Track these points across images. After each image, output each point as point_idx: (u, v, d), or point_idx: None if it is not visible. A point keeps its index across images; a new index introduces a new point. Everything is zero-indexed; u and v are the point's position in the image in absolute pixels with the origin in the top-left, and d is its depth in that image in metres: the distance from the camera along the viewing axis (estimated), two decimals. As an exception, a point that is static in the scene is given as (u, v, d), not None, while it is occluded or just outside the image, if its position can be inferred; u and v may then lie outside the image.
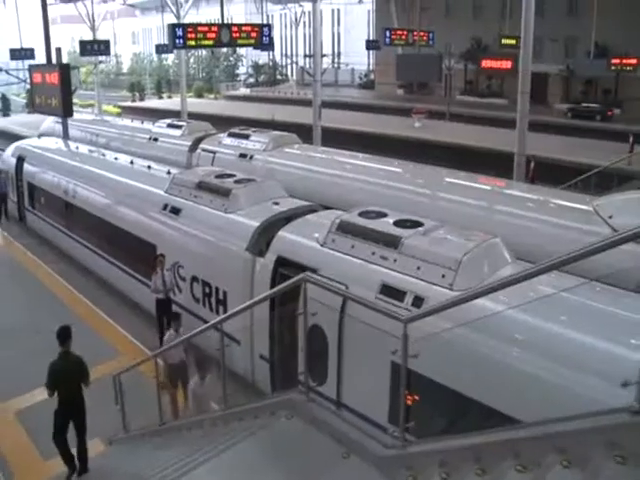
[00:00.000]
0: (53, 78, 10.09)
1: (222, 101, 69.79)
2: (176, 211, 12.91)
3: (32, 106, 11.62)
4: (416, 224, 9.36)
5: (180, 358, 9.45)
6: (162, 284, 11.91)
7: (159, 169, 15.95)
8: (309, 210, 11.48)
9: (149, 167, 16.26)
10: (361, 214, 9.87)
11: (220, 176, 13.28)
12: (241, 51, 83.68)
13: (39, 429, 9.06)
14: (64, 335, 7.81)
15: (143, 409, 9.27)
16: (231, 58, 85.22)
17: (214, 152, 19.22)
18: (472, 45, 55.56)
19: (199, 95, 74.94)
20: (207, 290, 11.70)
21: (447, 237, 8.95)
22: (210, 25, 24.56)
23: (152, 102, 69.21)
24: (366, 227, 9.36)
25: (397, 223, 9.38)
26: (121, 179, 15.99)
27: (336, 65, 73.68)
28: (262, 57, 79.84)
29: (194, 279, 12.05)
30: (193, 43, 23.15)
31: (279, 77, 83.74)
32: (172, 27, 22.83)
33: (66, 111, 9.80)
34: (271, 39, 27.42)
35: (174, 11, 46.16)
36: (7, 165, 22.45)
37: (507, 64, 21.71)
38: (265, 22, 56.07)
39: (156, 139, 22.37)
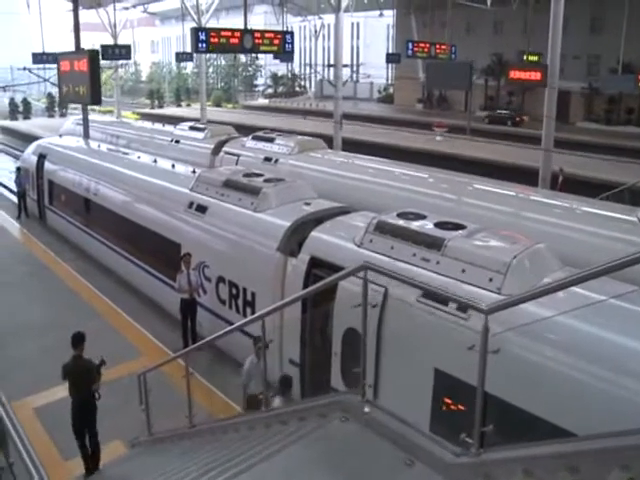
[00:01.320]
0: (82, 65, 9.80)
1: (241, 110, 69.75)
2: (202, 209, 12.54)
3: (59, 95, 11.26)
4: (458, 227, 9.01)
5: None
6: (187, 283, 11.51)
7: (183, 168, 15.63)
8: (341, 211, 11.11)
9: (173, 166, 15.93)
10: (399, 215, 9.54)
11: (248, 175, 12.94)
12: (260, 62, 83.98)
13: (58, 427, 8.68)
14: (77, 340, 8.14)
15: (167, 411, 8.88)
16: (250, 68, 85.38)
17: (238, 155, 18.92)
18: (493, 61, 55.29)
19: (218, 104, 75.04)
20: (234, 291, 11.28)
21: (493, 240, 8.57)
22: (233, 30, 24.33)
23: (171, 110, 69.36)
24: (407, 228, 8.98)
25: (438, 225, 9.04)
26: (145, 177, 15.66)
27: (354, 79, 73.48)
28: (281, 69, 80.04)
29: (220, 280, 11.65)
30: (216, 47, 22.93)
31: (297, 89, 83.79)
32: (195, 30, 22.61)
33: (94, 99, 9.50)
34: (293, 47, 27.22)
35: (195, 19, 46.32)
36: (28, 163, 22.25)
37: (536, 75, 21.24)
38: (286, 33, 55.95)
39: (178, 141, 22.12)
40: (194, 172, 14.42)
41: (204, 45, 22.26)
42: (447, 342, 7.70)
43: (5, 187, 28.26)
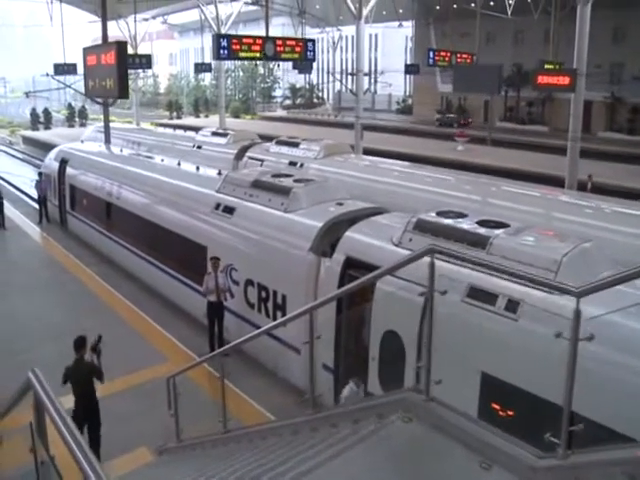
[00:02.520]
0: (109, 58, 9.51)
1: (259, 121, 69.75)
2: (229, 210, 12.19)
3: (85, 90, 11.00)
4: (501, 225, 8.61)
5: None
6: (215, 285, 11.14)
7: (208, 170, 15.33)
8: (374, 212, 10.73)
9: (198, 168, 15.64)
10: (439, 214, 9.17)
11: (277, 176, 12.60)
12: (278, 73, 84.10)
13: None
14: (78, 344, 8.43)
15: (194, 417, 8.50)
16: (268, 80, 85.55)
17: (262, 160, 18.64)
18: (513, 71, 54.81)
19: (236, 115, 75.11)
20: (263, 294, 10.89)
21: (539, 239, 8.17)
22: (255, 37, 24.14)
23: (190, 120, 69.50)
24: (449, 226, 8.57)
25: (480, 223, 8.64)
26: (169, 180, 15.36)
27: (373, 90, 73.28)
28: (299, 81, 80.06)
29: (249, 282, 11.27)
30: (237, 54, 22.72)
31: (315, 100, 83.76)
32: (217, 37, 22.53)
33: (122, 92, 9.19)
34: (314, 55, 27.00)
35: (215, 29, 46.44)
36: (49, 169, 22.10)
37: (565, 80, 20.78)
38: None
39: (200, 147, 21.89)
40: (220, 174, 14.12)
41: (226, 52, 22.08)
42: (495, 344, 7.29)
43: (26, 194, 28.16)
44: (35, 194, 22.58)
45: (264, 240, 11.23)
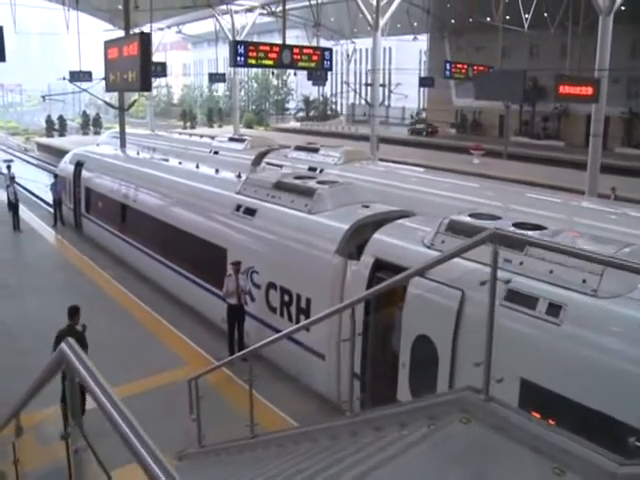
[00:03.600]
0: (131, 50, 9.25)
1: (272, 132, 69.71)
2: (251, 212, 11.88)
3: (106, 85, 10.76)
4: (538, 227, 8.31)
5: None
6: (235, 287, 10.81)
7: (228, 173, 15.07)
8: (400, 215, 10.41)
9: (217, 171, 15.37)
10: (471, 216, 8.88)
11: (299, 177, 12.32)
12: (292, 85, 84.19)
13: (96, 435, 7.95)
14: (73, 311, 9.25)
15: (214, 422, 8.16)
16: (281, 92, 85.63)
17: (280, 166, 18.36)
18: (528, 85, 54.46)
19: (249, 126, 75.11)
20: (286, 298, 10.55)
21: (580, 241, 7.85)
22: (272, 45, 23.98)
23: (203, 130, 69.52)
24: (483, 227, 8.22)
25: (517, 225, 8.34)
26: (188, 182, 15.10)
27: (387, 104, 73.18)
28: (312, 92, 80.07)
29: (270, 286, 10.93)
30: (254, 62, 22.49)
31: (329, 112, 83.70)
32: (234, 44, 22.38)
33: (144, 84, 8.91)
34: (331, 64, 26.81)
35: (230, 39, 46.47)
36: (64, 172, 21.92)
37: (587, 90, 20.42)
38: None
39: (217, 152, 21.64)
40: (239, 177, 13.86)
41: (242, 59, 21.85)
42: (536, 350, 6.94)
43: (41, 199, 28.01)
44: (51, 197, 22.38)
45: (287, 242, 10.92)
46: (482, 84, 20.24)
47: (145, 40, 9.24)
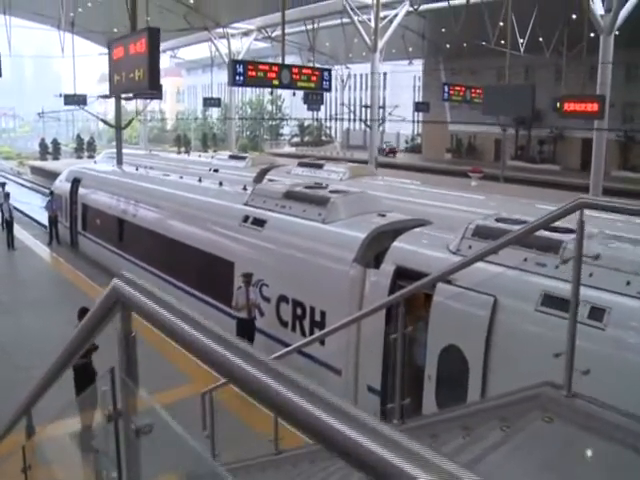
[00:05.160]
0: (139, 47, 8.75)
1: (267, 157, 69.50)
2: (260, 223, 11.39)
3: (110, 88, 10.27)
4: (570, 231, 7.85)
5: None
6: (245, 300, 10.27)
7: (232, 185, 14.64)
8: (417, 224, 9.96)
9: (220, 183, 14.92)
10: (497, 220, 8.46)
11: (309, 187, 11.88)
12: (286, 110, 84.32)
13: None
14: (83, 313, 8.10)
15: (229, 440, 7.58)
16: (275, 117, 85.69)
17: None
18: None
19: (244, 151, 74.96)
20: (298, 311, 10.01)
21: (619, 242, 7.42)
22: (271, 64, 23.75)
23: (198, 156, 69.17)
24: (511, 230, 7.79)
25: (547, 229, 7.87)
26: (191, 195, 14.61)
27: (381, 129, 73.39)
28: (306, 117, 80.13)
29: (282, 299, 10.39)
30: (252, 81, 22.21)
31: (324, 138, 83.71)
32: (233, 63, 22.17)
33: (152, 83, 8.41)
34: (330, 85, 26.61)
35: (227, 63, 46.35)
36: (60, 189, 21.41)
37: (593, 107, 20.21)
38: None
39: (217, 170, 21.21)
40: (245, 189, 13.42)
41: (241, 78, 21.49)
42: (578, 358, 6.45)
43: (35, 221, 27.42)
44: (45, 216, 21.80)
45: (300, 252, 10.41)
46: (490, 99, 19.95)
47: (154, 35, 8.78)
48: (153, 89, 9.29)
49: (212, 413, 7.17)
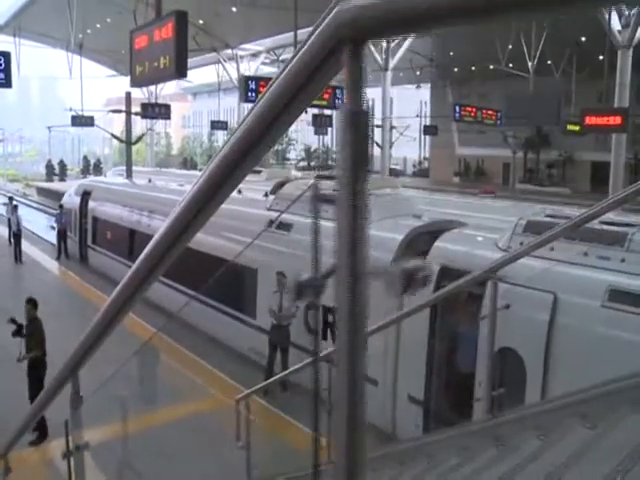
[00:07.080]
0: (164, 33, 8.22)
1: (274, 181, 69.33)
2: (286, 227, 10.81)
3: (131, 80, 9.74)
4: (628, 225, 7.38)
5: None
6: (278, 307, 9.68)
7: (251, 192, 14.09)
8: (454, 226, 9.44)
9: (239, 191, 14.36)
10: (548, 216, 7.95)
11: (337, 190, 11.31)
12: (292, 135, 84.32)
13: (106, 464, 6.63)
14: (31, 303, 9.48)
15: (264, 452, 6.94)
16: (282, 142, 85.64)
17: (301, 195, 17.41)
18: (532, 132, 54.30)
19: (248, 176, 74.89)
20: (330, 319, 9.35)
21: None
22: (284, 81, 23.47)
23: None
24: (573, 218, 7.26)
25: (604, 223, 7.35)
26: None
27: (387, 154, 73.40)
28: (314, 142, 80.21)
29: (310, 306, 9.75)
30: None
31: (330, 162, 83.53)
32: (245, 79, 22.02)
33: (180, 69, 7.86)
34: (342, 102, 26.37)
35: (237, 85, 46.40)
36: (70, 204, 20.92)
37: (616, 120, 19.78)
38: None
39: (231, 184, 20.74)
40: (267, 195, 12.91)
41: (254, 94, 21.22)
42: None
43: (41, 238, 26.94)
44: (55, 230, 21.31)
45: (331, 256, 9.80)
46: (512, 108, 19.50)
47: (181, 19, 8.26)
48: (181, 75, 8.77)
49: (248, 422, 6.49)
